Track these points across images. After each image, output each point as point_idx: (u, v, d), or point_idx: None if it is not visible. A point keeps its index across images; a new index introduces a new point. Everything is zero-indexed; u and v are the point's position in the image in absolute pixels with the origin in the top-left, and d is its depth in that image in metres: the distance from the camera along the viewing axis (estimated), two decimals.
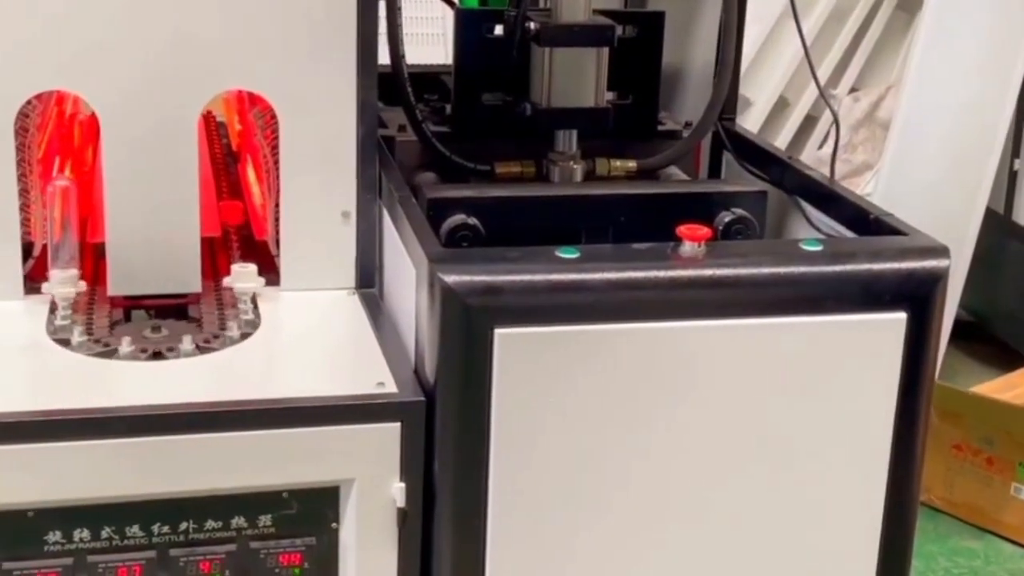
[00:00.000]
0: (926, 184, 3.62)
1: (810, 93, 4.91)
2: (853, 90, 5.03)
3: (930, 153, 3.70)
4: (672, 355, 1.47)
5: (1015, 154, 3.55)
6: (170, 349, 1.56)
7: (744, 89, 5.04)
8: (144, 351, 1.56)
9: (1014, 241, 3.53)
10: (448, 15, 1.99)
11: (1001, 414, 2.70)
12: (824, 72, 5.04)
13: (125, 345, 1.55)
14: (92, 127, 2.05)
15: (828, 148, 4.84)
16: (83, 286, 1.66)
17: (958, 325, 3.56)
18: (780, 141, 4.83)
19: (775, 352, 1.49)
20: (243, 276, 1.67)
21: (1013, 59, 3.44)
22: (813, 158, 4.61)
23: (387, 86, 1.80)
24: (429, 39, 4.04)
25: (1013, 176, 3.56)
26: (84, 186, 1.86)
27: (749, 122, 4.83)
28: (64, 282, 1.64)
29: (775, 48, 4.98)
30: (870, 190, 3.95)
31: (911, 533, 1.60)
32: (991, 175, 3.45)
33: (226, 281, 1.68)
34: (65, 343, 1.56)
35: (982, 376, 3.12)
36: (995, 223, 3.58)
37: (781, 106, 5.09)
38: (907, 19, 4.45)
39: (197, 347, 1.57)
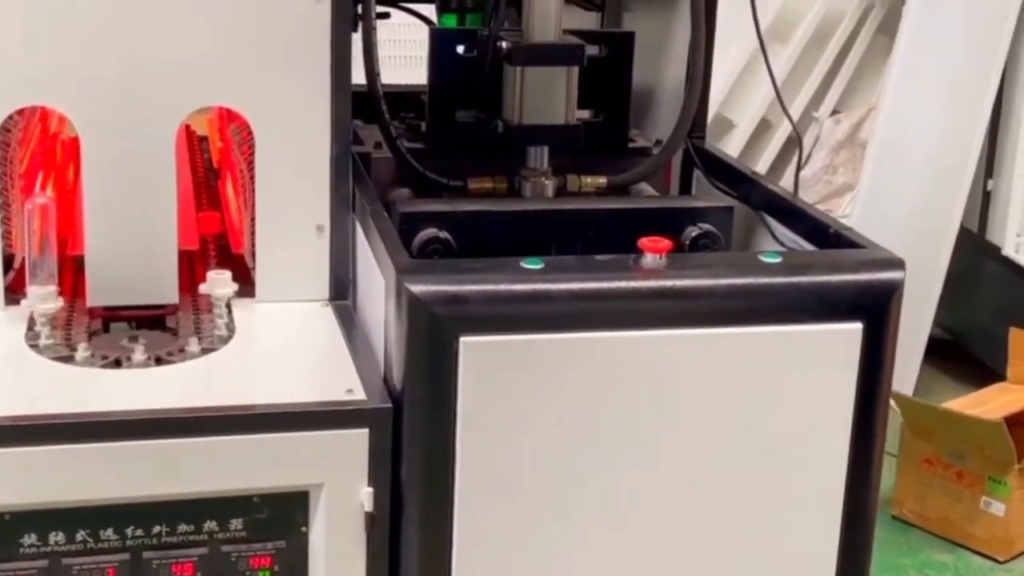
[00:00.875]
0: (902, 204, 3.68)
1: (792, 115, 4.97)
2: (835, 112, 5.09)
3: (906, 174, 3.76)
4: (634, 364, 1.51)
5: (988, 175, 3.61)
6: (147, 358, 1.60)
7: (727, 111, 5.12)
8: (119, 361, 1.59)
9: (988, 260, 3.59)
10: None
11: (971, 429, 2.74)
12: (806, 94, 5.11)
13: (98, 355, 1.58)
14: (75, 147, 2.10)
15: (809, 170, 4.91)
16: (61, 302, 1.68)
17: (933, 343, 3.61)
18: (762, 162, 4.89)
19: (735, 361, 1.53)
20: (218, 283, 1.71)
21: (986, 83, 3.51)
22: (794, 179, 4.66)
23: (364, 104, 1.84)
24: (418, 61, 4.10)
25: (987, 196, 3.62)
26: (65, 203, 1.90)
27: (732, 143, 4.90)
28: (43, 298, 1.66)
29: (757, 71, 5.04)
30: (849, 211, 4.01)
31: (870, 536, 1.63)
32: (965, 195, 3.51)
33: (202, 288, 1.71)
34: (43, 352, 1.60)
35: (957, 393, 3.16)
36: (970, 242, 3.64)
37: (763, 128, 5.15)
38: (888, 42, 4.51)
39: (171, 356, 1.60)
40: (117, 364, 1.59)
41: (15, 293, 1.72)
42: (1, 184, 1.69)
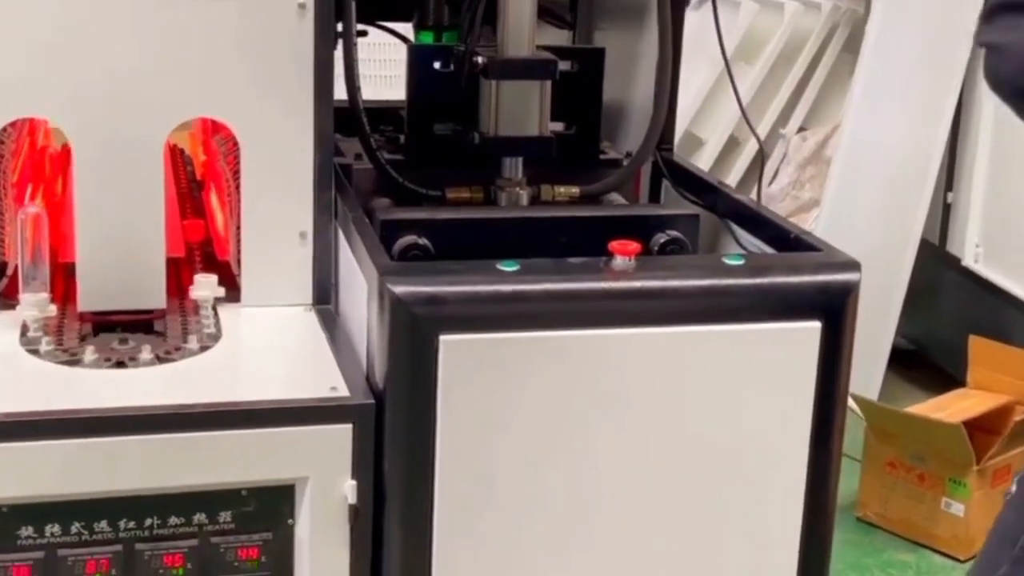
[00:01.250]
0: (865, 218, 3.77)
1: (759, 132, 5.08)
2: (802, 129, 5.20)
3: (869, 189, 3.86)
4: (605, 360, 1.58)
5: (948, 188, 3.71)
6: (134, 359, 1.66)
7: (696, 129, 5.22)
8: (110, 360, 1.66)
9: (948, 271, 3.68)
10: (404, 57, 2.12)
11: (932, 432, 2.83)
12: (773, 112, 5.21)
13: (90, 354, 1.65)
14: (62, 160, 2.16)
15: (777, 185, 5.01)
16: (53, 309, 1.73)
17: (896, 352, 3.70)
18: (731, 178, 4.99)
19: (700, 358, 1.61)
20: (204, 285, 1.78)
21: (945, 99, 3.61)
22: (763, 195, 4.76)
23: (345, 118, 1.91)
24: (391, 80, 4.18)
25: (947, 209, 3.72)
26: (55, 213, 1.96)
27: (702, 160, 4.99)
28: (37, 304, 1.71)
29: (726, 90, 5.14)
30: (815, 225, 4.11)
31: (830, 523, 1.71)
32: (926, 208, 3.61)
33: (190, 291, 1.78)
34: (36, 353, 1.66)
35: (920, 400, 3.25)
36: (930, 254, 3.73)
37: (732, 145, 5.25)
38: (853, 61, 4.61)
39: (159, 357, 1.67)
40: (116, 364, 1.65)
41: (7, 299, 1.78)
42: None
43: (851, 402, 3.00)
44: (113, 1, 1.70)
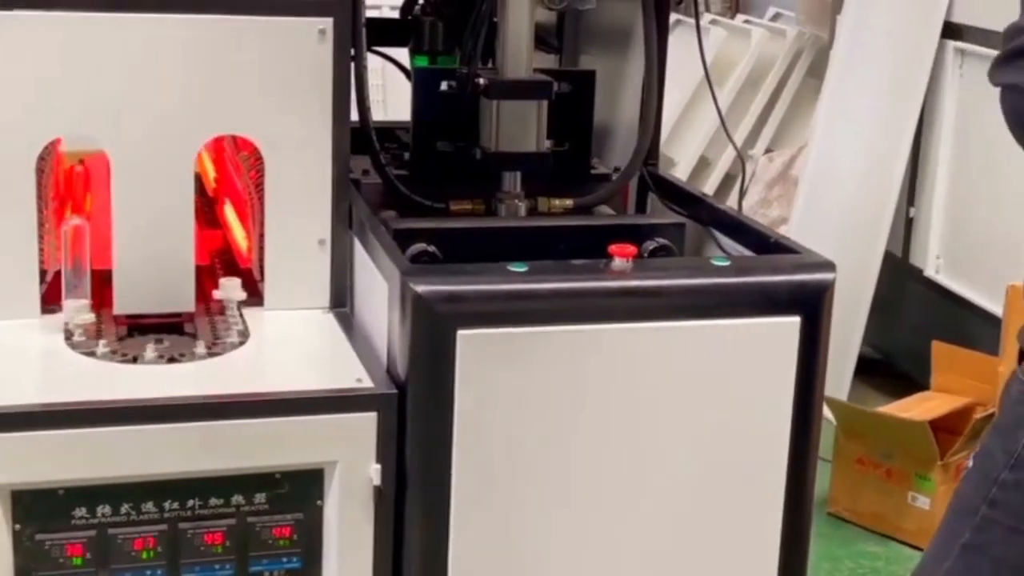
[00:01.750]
0: (831, 233, 3.94)
1: (729, 153, 5.26)
2: (768, 150, 5.39)
3: (834, 205, 4.04)
4: (607, 352, 1.74)
5: (910, 202, 3.89)
6: (179, 355, 1.80)
7: (668, 151, 5.40)
8: (163, 357, 1.79)
9: (912, 281, 3.86)
10: (387, 81, 2.26)
11: (898, 430, 2.99)
12: (741, 134, 5.40)
13: (143, 351, 1.79)
14: (86, 177, 2.30)
15: (745, 204, 5.19)
16: (92, 316, 1.86)
17: (863, 361, 3.87)
18: None
19: (691, 350, 1.77)
20: (230, 288, 1.93)
21: (906, 119, 3.80)
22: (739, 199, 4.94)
23: (352, 137, 2.06)
24: (386, 105, 4.36)
25: (909, 222, 3.89)
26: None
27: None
28: (78, 310, 1.84)
29: (697, 112, 5.33)
30: None
31: (809, 506, 1.86)
32: (889, 222, 3.79)
33: (216, 293, 1.92)
34: (85, 352, 1.80)
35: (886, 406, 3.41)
36: (894, 265, 3.90)
37: (703, 166, 5.44)
38: (817, 85, 4.81)
39: (190, 355, 1.80)
40: (156, 360, 1.79)
41: (48, 304, 1.92)
42: (38, 206, 1.89)
43: None
44: (150, 28, 1.85)
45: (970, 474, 1.61)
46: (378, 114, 2.16)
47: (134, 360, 1.79)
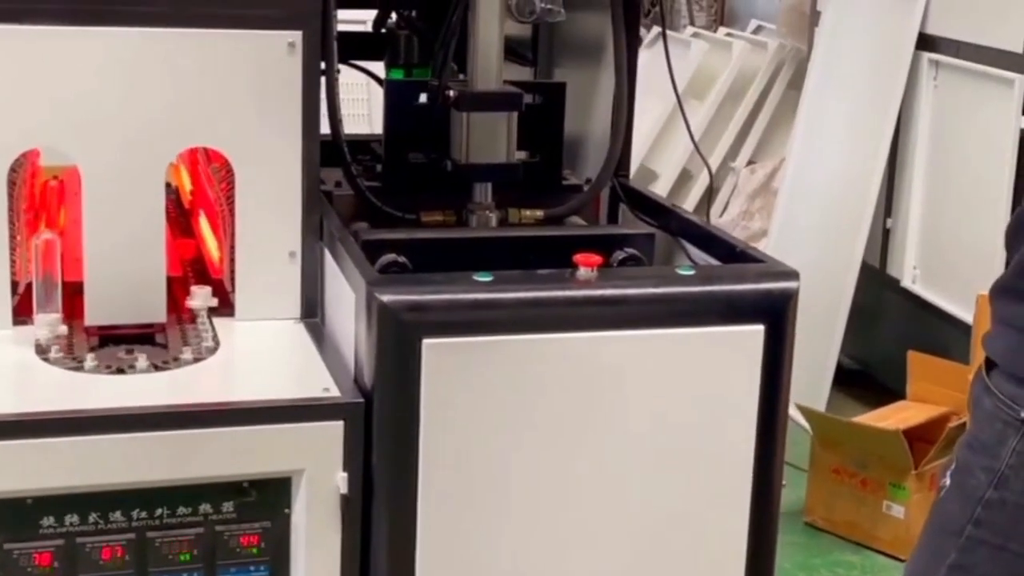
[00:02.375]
0: (810, 244, 3.98)
1: (711, 165, 5.29)
2: (751, 162, 5.43)
3: (812, 217, 4.07)
4: (571, 361, 1.75)
5: (887, 214, 3.92)
6: (147, 366, 1.81)
7: (650, 163, 5.43)
8: (121, 368, 1.81)
9: (889, 292, 3.88)
10: (372, 96, 2.29)
11: (873, 440, 3.01)
12: (723, 146, 5.44)
13: (103, 362, 1.80)
14: (60, 191, 2.32)
15: (727, 216, 5.22)
16: (64, 329, 1.87)
17: (841, 371, 3.89)
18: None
19: (657, 358, 1.79)
20: (200, 296, 1.95)
21: (882, 132, 3.83)
22: (715, 225, 4.98)
23: (325, 149, 2.07)
24: (357, 119, 4.38)
25: (886, 233, 3.92)
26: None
27: (656, 192, 5.19)
28: (50, 323, 1.85)
29: (677, 126, 5.37)
30: None
31: (775, 509, 1.88)
32: (866, 233, 3.81)
33: (187, 302, 1.94)
34: (53, 363, 1.81)
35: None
36: (872, 276, 3.93)
37: (684, 178, 5.47)
38: (798, 96, 4.86)
39: (167, 364, 1.82)
40: (120, 371, 1.80)
41: (20, 315, 1.93)
42: (9, 219, 1.90)
43: (798, 414, 3.19)
44: (120, 41, 1.87)
45: (950, 493, 1.58)
46: (363, 128, 2.18)
47: (102, 370, 1.80)
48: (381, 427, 1.72)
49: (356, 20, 2.45)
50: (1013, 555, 1.50)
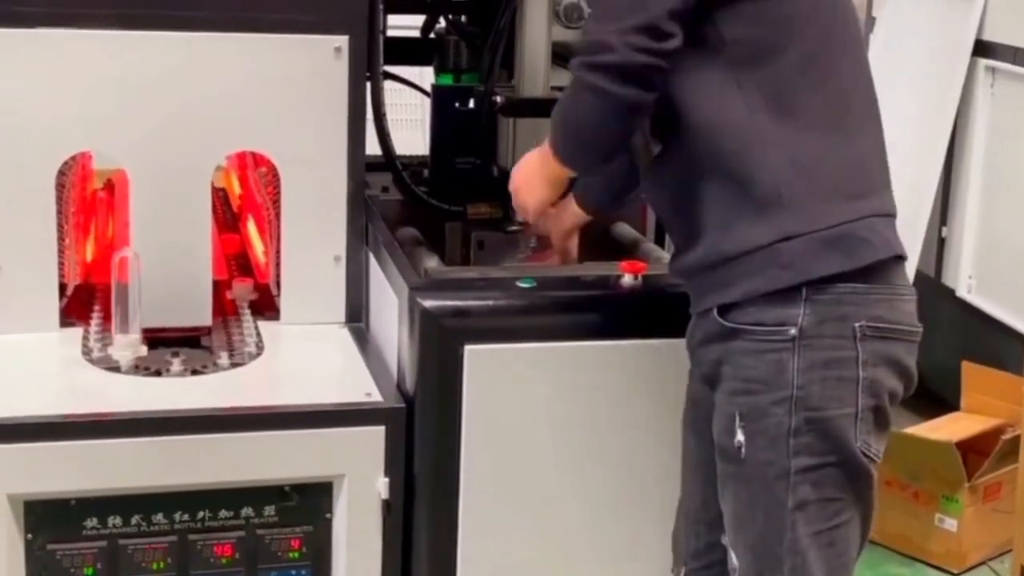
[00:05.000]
0: None
1: None
2: None
3: None
4: (613, 368, 1.74)
5: (943, 222, 3.84)
6: (202, 367, 1.82)
7: None
8: (172, 370, 1.82)
9: (944, 302, 3.81)
10: (425, 101, 2.27)
11: (925, 452, 2.95)
12: None
13: (177, 366, 1.82)
14: (108, 203, 2.33)
15: None
16: (144, 350, 1.82)
17: None
18: None
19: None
20: (240, 291, 2.00)
21: (937, 139, 3.76)
22: None
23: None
24: (409, 124, 4.38)
25: (941, 242, 3.85)
26: (107, 247, 2.15)
27: None
28: (129, 346, 1.81)
29: None
30: None
31: None
32: (921, 242, 3.75)
33: (229, 294, 1.97)
34: (102, 365, 1.82)
35: (917, 425, 3.37)
36: (927, 286, 3.87)
37: None
38: None
39: (206, 368, 1.82)
40: (157, 374, 1.81)
41: (68, 317, 1.95)
42: (58, 221, 1.92)
43: None
44: (168, 45, 1.88)
45: None
46: (416, 131, 2.18)
47: (157, 373, 1.81)
48: (423, 432, 1.71)
49: (406, 26, 2.45)
50: None
